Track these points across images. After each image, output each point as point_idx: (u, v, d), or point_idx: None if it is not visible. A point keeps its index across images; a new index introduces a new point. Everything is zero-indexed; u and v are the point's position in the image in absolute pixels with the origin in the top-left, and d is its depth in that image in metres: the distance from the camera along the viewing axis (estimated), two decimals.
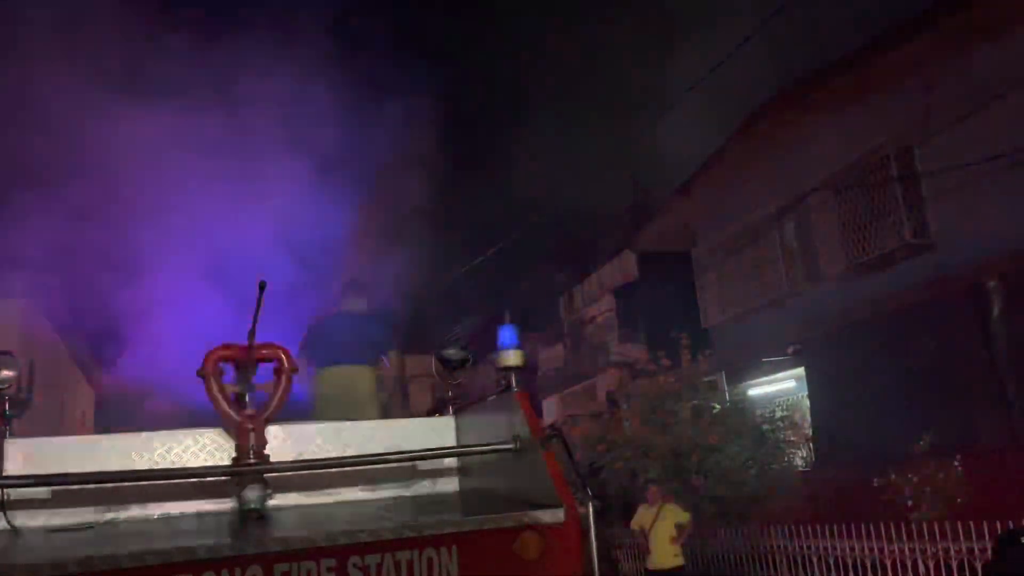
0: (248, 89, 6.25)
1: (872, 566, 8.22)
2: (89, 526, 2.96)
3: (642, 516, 8.67)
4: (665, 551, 8.38)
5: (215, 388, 2.99)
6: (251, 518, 2.88)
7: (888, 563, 8.06)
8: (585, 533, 2.57)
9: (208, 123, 5.96)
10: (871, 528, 8.27)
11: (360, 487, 3.38)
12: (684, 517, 8.56)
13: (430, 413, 3.91)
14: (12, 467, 2.98)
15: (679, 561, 8.48)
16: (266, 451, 2.99)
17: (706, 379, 12.39)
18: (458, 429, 3.58)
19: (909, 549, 7.87)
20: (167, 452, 3.17)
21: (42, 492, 2.94)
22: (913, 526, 7.92)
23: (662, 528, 8.42)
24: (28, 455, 3.03)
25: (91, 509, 3.03)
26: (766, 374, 13.91)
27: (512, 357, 3.05)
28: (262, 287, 2.92)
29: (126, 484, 3.01)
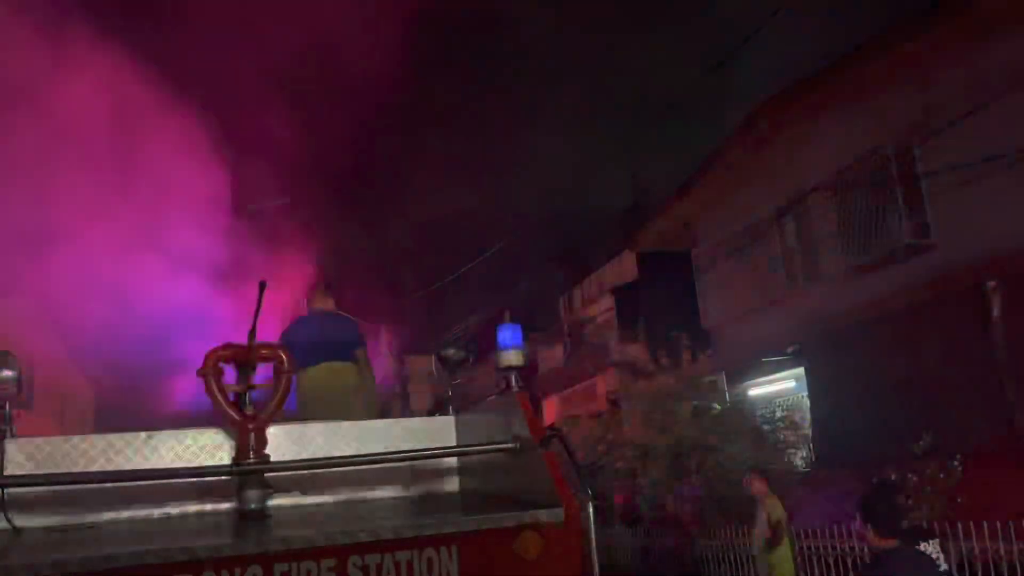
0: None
1: None
2: (89, 526, 2.96)
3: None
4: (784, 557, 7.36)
5: (215, 388, 2.99)
6: (251, 518, 2.88)
7: None
8: (585, 533, 2.57)
9: None
10: None
11: (360, 487, 3.37)
12: (777, 512, 7.45)
13: (430, 413, 3.91)
14: (12, 467, 2.97)
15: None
16: (266, 451, 2.99)
17: (706, 379, 12.41)
18: (458, 429, 3.58)
19: None
20: (167, 452, 3.17)
21: (42, 492, 2.93)
22: None
23: (760, 524, 7.56)
24: (28, 455, 3.03)
25: (91, 509, 3.03)
26: (766, 374, 13.89)
27: (512, 357, 3.05)
28: (262, 287, 2.92)
29: (126, 484, 3.01)
